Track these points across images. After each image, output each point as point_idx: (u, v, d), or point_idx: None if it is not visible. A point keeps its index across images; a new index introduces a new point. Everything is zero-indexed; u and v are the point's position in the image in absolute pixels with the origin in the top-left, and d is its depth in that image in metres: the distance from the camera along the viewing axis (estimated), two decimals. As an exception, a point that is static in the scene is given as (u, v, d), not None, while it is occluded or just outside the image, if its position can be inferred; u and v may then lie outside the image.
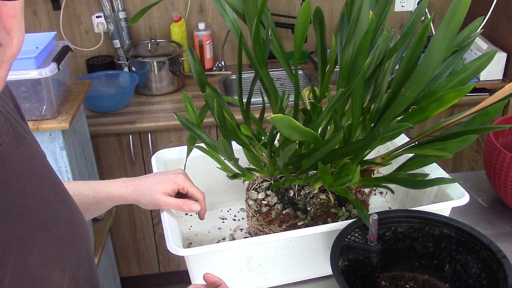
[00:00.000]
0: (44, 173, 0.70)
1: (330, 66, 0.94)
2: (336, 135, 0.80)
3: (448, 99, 0.79)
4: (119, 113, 2.08)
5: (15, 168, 0.63)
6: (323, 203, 0.99)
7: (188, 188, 0.97)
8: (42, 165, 0.71)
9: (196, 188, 0.98)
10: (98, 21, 2.28)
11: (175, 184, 0.96)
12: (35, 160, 0.69)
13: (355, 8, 0.84)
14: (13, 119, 0.68)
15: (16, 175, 0.63)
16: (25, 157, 0.66)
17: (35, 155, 0.69)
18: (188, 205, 0.95)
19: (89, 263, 0.76)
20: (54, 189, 0.71)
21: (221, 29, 2.43)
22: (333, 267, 0.81)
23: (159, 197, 0.95)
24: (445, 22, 0.73)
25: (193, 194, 0.98)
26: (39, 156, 0.71)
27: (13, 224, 0.59)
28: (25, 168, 0.65)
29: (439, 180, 0.92)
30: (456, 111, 2.07)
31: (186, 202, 0.96)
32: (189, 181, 0.98)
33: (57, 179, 0.74)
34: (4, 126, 0.63)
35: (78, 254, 0.72)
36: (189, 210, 0.96)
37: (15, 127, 0.67)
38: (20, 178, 0.63)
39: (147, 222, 2.24)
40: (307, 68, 2.45)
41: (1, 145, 0.61)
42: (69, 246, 0.70)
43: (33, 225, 0.63)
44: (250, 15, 0.88)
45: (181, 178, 0.97)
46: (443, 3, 2.50)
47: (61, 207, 0.71)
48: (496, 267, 0.82)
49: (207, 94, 0.94)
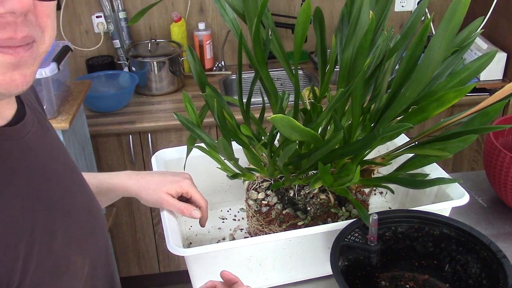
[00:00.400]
0: (67, 163, 0.74)
1: (330, 66, 0.94)
2: (336, 135, 0.80)
3: (448, 99, 0.79)
4: (119, 113, 2.08)
5: (41, 156, 0.66)
6: (323, 203, 0.99)
7: (192, 193, 0.98)
8: (65, 155, 0.74)
9: (200, 195, 0.99)
10: (98, 21, 2.28)
11: (180, 188, 0.97)
12: (58, 151, 0.72)
13: (355, 8, 0.84)
14: (38, 112, 0.72)
15: (41, 163, 0.66)
16: (49, 147, 0.69)
17: (58, 146, 0.73)
18: (189, 211, 0.95)
19: (106, 251, 0.79)
20: (76, 179, 0.75)
21: (221, 29, 2.43)
22: (333, 267, 0.81)
23: (163, 196, 0.95)
24: (445, 22, 0.73)
25: (196, 200, 0.98)
26: (61, 147, 0.75)
27: (39, 209, 0.62)
28: (50, 156, 0.68)
29: (439, 180, 0.92)
30: (456, 111, 2.07)
31: (188, 207, 0.96)
32: (194, 187, 0.99)
33: (78, 170, 0.78)
34: (30, 117, 0.67)
35: (96, 242, 0.75)
36: (190, 215, 0.96)
37: (40, 119, 0.71)
38: (45, 166, 0.66)
39: (147, 222, 2.24)
40: (307, 68, 2.45)
41: (27, 134, 0.65)
42: (88, 234, 0.72)
43: (57, 211, 0.65)
44: (250, 15, 0.88)
45: (187, 183, 0.98)
46: (443, 3, 2.50)
47: (81, 196, 0.74)
48: (496, 267, 0.82)
49: (207, 94, 0.94)
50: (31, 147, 0.64)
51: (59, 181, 0.68)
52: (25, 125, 0.65)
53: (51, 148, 0.70)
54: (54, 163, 0.69)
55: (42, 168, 0.66)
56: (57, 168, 0.69)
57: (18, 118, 0.65)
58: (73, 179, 0.74)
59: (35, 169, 0.64)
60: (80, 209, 0.72)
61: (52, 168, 0.68)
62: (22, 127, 0.64)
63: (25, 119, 0.65)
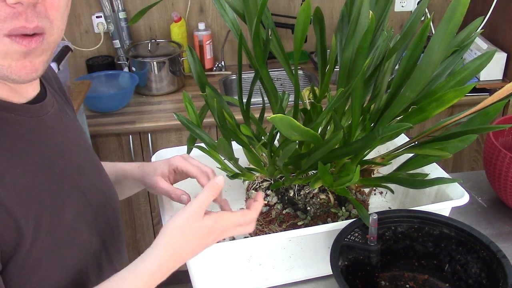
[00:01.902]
0: (83, 146, 0.80)
1: (330, 66, 0.94)
2: (336, 135, 0.80)
3: (447, 99, 0.79)
4: (119, 113, 2.08)
5: (56, 135, 0.73)
6: (323, 203, 0.99)
7: (183, 167, 0.90)
8: (82, 139, 0.81)
9: (195, 167, 0.90)
10: (98, 21, 2.28)
11: (170, 165, 0.91)
12: (76, 133, 0.79)
13: (355, 8, 0.84)
14: (59, 97, 0.81)
15: (57, 140, 0.73)
16: (66, 128, 0.77)
17: (75, 129, 0.80)
18: (177, 195, 0.87)
19: (118, 232, 0.83)
20: (92, 162, 0.81)
21: (221, 29, 2.43)
22: (333, 267, 0.81)
23: (158, 180, 0.90)
24: (444, 22, 0.73)
25: (188, 172, 0.90)
26: (78, 130, 0.82)
27: (50, 180, 0.68)
28: (66, 137, 0.75)
29: (439, 180, 0.92)
30: (456, 111, 2.07)
31: (176, 191, 0.88)
32: (185, 161, 0.91)
33: (95, 156, 0.84)
34: (50, 100, 0.75)
35: (108, 222, 0.80)
36: (178, 200, 0.88)
37: (60, 103, 0.79)
38: (60, 143, 0.73)
39: (147, 222, 2.24)
40: (307, 68, 2.45)
41: (47, 113, 0.73)
42: (100, 212, 0.78)
43: (69, 185, 0.71)
44: (250, 15, 0.88)
45: (176, 158, 0.91)
46: (443, 3, 2.50)
47: (94, 175, 0.79)
48: (496, 267, 0.83)
49: (207, 94, 0.94)
50: (48, 125, 0.72)
51: (72, 159, 0.74)
52: (44, 105, 0.73)
53: (67, 129, 0.77)
54: (69, 142, 0.75)
55: (57, 145, 0.72)
56: (71, 147, 0.76)
57: (39, 99, 0.73)
58: (86, 159, 0.79)
59: (51, 146, 0.71)
60: (91, 188, 0.76)
61: (67, 147, 0.74)
62: (42, 107, 0.72)
63: (45, 100, 0.73)
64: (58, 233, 0.67)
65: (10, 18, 0.58)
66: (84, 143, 0.81)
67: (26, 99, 0.70)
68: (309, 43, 2.47)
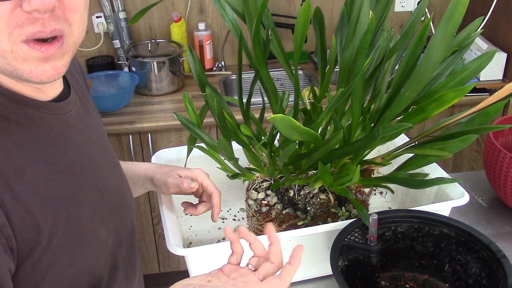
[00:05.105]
0: (102, 145, 0.80)
1: (330, 66, 0.94)
2: (336, 135, 0.80)
3: (447, 99, 0.79)
4: (119, 113, 2.08)
5: (78, 133, 0.73)
6: (323, 203, 0.99)
7: (202, 180, 0.96)
8: (102, 138, 0.81)
9: (212, 183, 0.97)
10: (98, 21, 2.28)
11: (192, 173, 0.96)
12: (96, 132, 0.79)
13: (355, 8, 0.84)
14: (82, 95, 0.81)
15: (77, 139, 0.73)
16: (87, 127, 0.77)
17: (96, 128, 0.80)
18: (187, 183, 0.93)
19: (132, 229, 0.84)
20: (109, 161, 0.81)
21: (221, 29, 2.43)
22: (333, 267, 0.81)
23: (172, 174, 0.95)
24: (444, 22, 0.73)
25: (206, 187, 0.97)
26: (99, 130, 0.82)
27: (69, 178, 0.68)
28: (86, 135, 0.76)
29: (439, 180, 0.92)
30: (456, 111, 2.07)
31: (186, 180, 0.94)
32: (205, 175, 0.98)
33: (114, 154, 0.85)
34: (74, 98, 0.75)
35: (123, 220, 0.81)
36: (188, 187, 0.93)
37: (83, 101, 0.79)
38: (80, 142, 0.73)
39: (147, 222, 2.24)
40: (307, 68, 2.45)
41: (69, 112, 0.73)
42: (116, 211, 0.78)
43: (87, 184, 0.71)
44: (250, 15, 0.88)
45: (198, 170, 0.97)
46: (443, 3, 2.50)
47: (111, 176, 0.80)
48: (496, 267, 0.83)
49: (207, 94, 0.94)
50: (70, 124, 0.72)
51: (91, 158, 0.74)
52: (68, 104, 0.73)
53: (89, 128, 0.77)
54: (89, 142, 0.76)
55: (78, 144, 0.72)
56: (91, 146, 0.76)
57: (63, 97, 0.72)
58: (105, 159, 0.79)
59: (71, 144, 0.71)
60: (109, 187, 0.77)
61: (87, 146, 0.75)
62: (65, 105, 0.72)
63: (69, 98, 0.73)
64: (74, 232, 0.67)
65: (27, 24, 0.57)
66: (104, 143, 0.81)
67: (50, 97, 0.70)
68: (309, 43, 2.47)
